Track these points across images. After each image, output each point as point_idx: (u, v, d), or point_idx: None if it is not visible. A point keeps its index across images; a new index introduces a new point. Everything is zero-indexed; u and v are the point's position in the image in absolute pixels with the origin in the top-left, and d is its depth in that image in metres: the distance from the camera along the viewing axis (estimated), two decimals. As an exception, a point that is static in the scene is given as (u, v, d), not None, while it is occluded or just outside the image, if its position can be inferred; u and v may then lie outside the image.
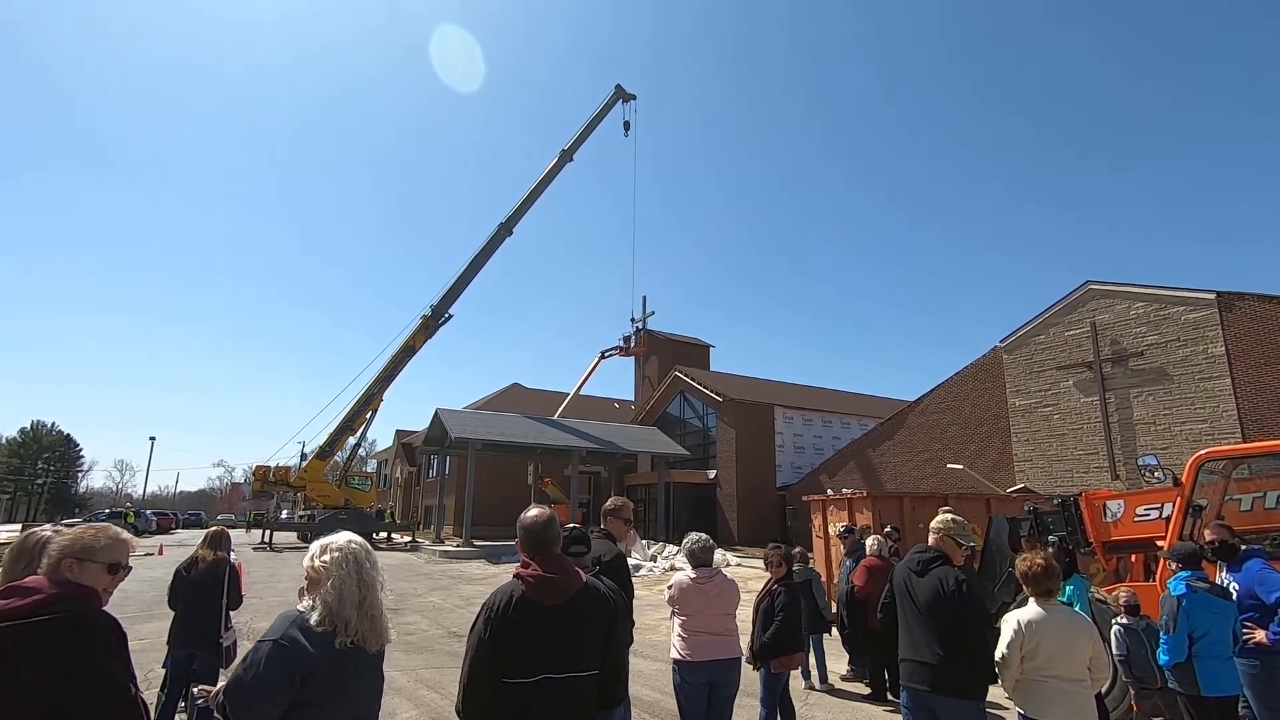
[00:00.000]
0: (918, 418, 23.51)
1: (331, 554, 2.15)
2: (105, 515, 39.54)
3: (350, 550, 2.17)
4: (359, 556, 2.17)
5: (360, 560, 2.16)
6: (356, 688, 2.07)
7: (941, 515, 3.92)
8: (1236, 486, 6.63)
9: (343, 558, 2.14)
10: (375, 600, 2.14)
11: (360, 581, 2.12)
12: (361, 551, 2.20)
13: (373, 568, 2.19)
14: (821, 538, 12.96)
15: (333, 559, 2.14)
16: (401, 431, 51.24)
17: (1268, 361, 15.30)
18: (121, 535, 2.15)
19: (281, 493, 35.80)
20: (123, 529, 2.23)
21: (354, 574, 2.12)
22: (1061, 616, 3.44)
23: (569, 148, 33.09)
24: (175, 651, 5.14)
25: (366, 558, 2.19)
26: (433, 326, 31.27)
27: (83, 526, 2.11)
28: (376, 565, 2.23)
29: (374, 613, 2.12)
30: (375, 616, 2.12)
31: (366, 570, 2.16)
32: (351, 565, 2.13)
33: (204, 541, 5.47)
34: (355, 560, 2.15)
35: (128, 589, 14.73)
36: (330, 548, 2.17)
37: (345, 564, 2.13)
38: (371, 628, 2.09)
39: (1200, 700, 4.45)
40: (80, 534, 2.06)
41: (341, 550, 2.16)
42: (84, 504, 73.66)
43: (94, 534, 2.08)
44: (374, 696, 2.19)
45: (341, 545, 2.18)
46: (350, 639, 2.03)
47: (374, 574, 2.18)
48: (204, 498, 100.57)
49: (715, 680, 4.22)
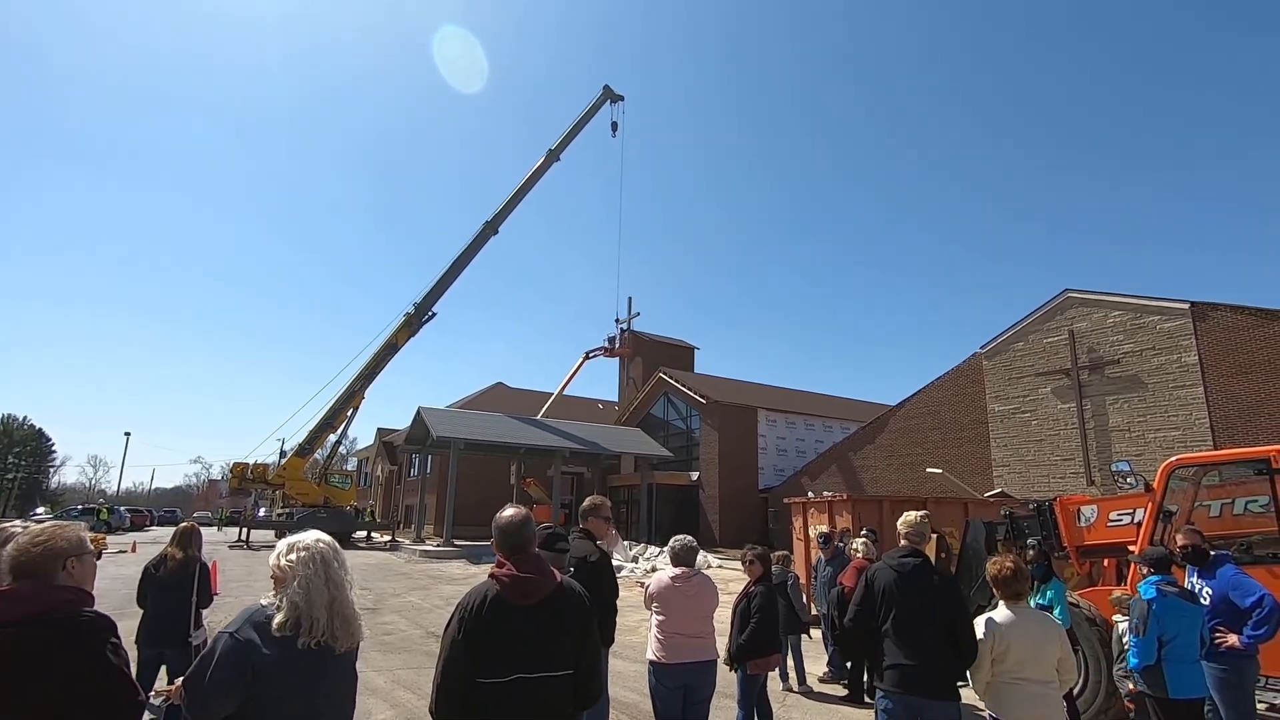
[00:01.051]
0: (899, 422, 23.72)
1: (298, 552, 2.12)
2: (78, 511, 38.76)
3: (318, 549, 2.14)
4: (326, 555, 2.14)
5: (328, 559, 2.13)
6: (316, 687, 2.03)
7: (907, 516, 3.93)
8: (1207, 493, 6.76)
9: (310, 556, 2.11)
10: (345, 599, 2.11)
11: (329, 580, 2.09)
12: (329, 550, 2.16)
13: (340, 566, 2.16)
14: (802, 540, 13.02)
15: (299, 558, 2.11)
16: (383, 430, 50.87)
17: (1238, 371, 15.61)
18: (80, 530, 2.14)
19: (260, 490, 35.30)
20: (94, 525, 2.20)
21: (322, 573, 2.09)
22: (1031, 619, 3.49)
23: (556, 148, 33.07)
24: (145, 651, 5.05)
25: (334, 556, 2.16)
26: (416, 324, 31.09)
27: (37, 529, 2.03)
28: (345, 564, 2.20)
29: (345, 612, 2.09)
30: (347, 616, 2.09)
31: (334, 569, 2.13)
32: (319, 564, 2.10)
33: (173, 539, 5.37)
34: (323, 559, 2.12)
35: (100, 587, 14.38)
36: (297, 546, 2.14)
37: (313, 563, 2.10)
38: (342, 627, 2.06)
39: (1168, 703, 4.52)
40: (54, 533, 2.01)
41: (309, 549, 2.13)
42: (56, 500, 72.26)
43: (65, 530, 2.05)
44: (340, 696, 2.15)
45: (309, 544, 2.15)
46: (316, 639, 1.99)
47: (342, 573, 2.15)
48: (180, 495, 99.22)
49: (690, 683, 4.21)
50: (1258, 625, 4.57)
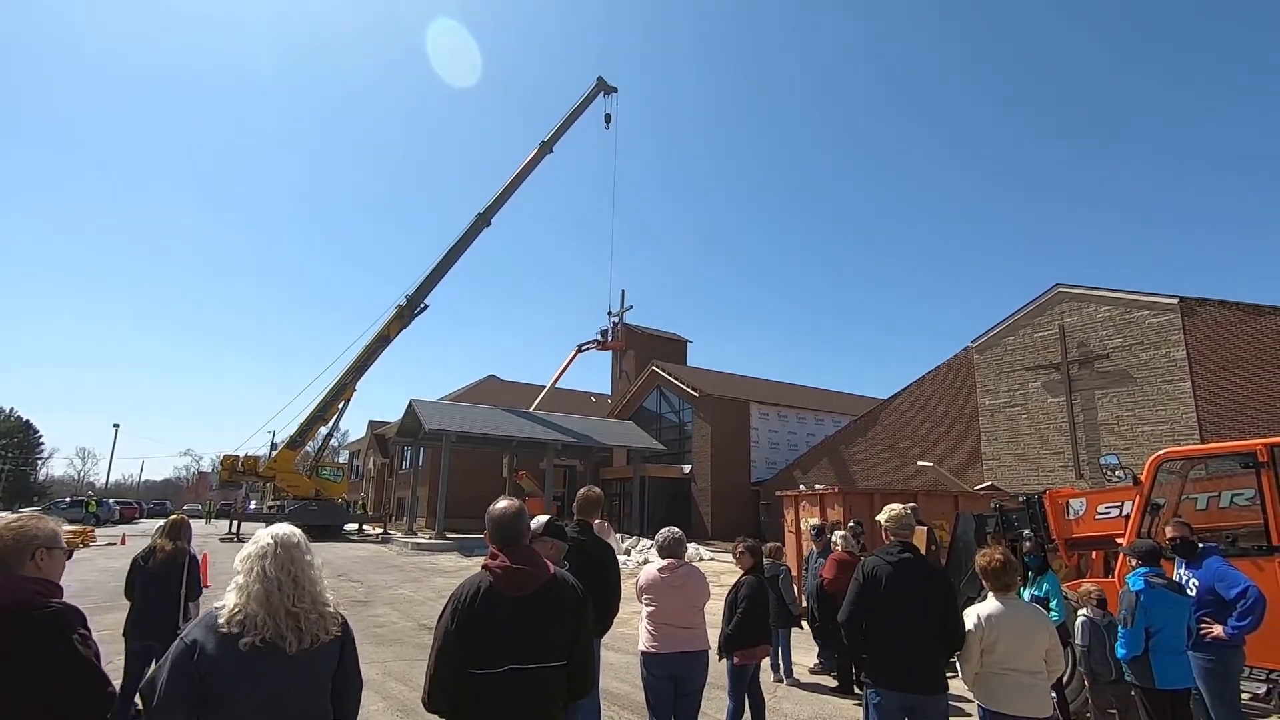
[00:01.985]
0: (890, 415, 23.83)
1: (246, 549, 2.04)
2: (66, 504, 38.53)
3: (266, 545, 2.03)
4: (274, 551, 2.02)
5: (278, 555, 2.01)
6: (261, 688, 1.90)
7: (891, 510, 3.92)
8: (1193, 486, 6.83)
9: (259, 551, 2.01)
10: (302, 595, 1.99)
11: (276, 577, 1.97)
12: (283, 545, 2.04)
13: (295, 563, 2.03)
14: (794, 532, 13.08)
15: (249, 553, 2.02)
16: (375, 422, 50.61)
17: (1226, 366, 15.76)
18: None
19: (250, 483, 35.17)
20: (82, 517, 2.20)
21: (270, 569, 1.98)
22: (1019, 611, 3.51)
23: (549, 139, 32.89)
24: (132, 643, 5.02)
25: (289, 551, 2.04)
26: (408, 316, 30.95)
27: (12, 517, 2.05)
28: (303, 560, 2.06)
29: (297, 609, 1.96)
30: (299, 614, 1.96)
31: (285, 565, 2.00)
32: (267, 560, 1.99)
33: (162, 531, 5.33)
34: (272, 555, 2.01)
35: (88, 579, 14.35)
36: (253, 540, 2.06)
37: (262, 558, 2.00)
38: (292, 626, 1.94)
39: (1154, 693, 4.58)
40: (28, 522, 2.02)
41: (259, 544, 2.04)
42: (44, 492, 71.63)
43: (40, 521, 2.05)
44: (299, 700, 1.98)
45: (262, 539, 2.05)
46: (259, 637, 1.89)
47: (298, 569, 2.02)
48: (170, 487, 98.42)
49: (680, 673, 4.23)
50: (1242, 616, 4.64)
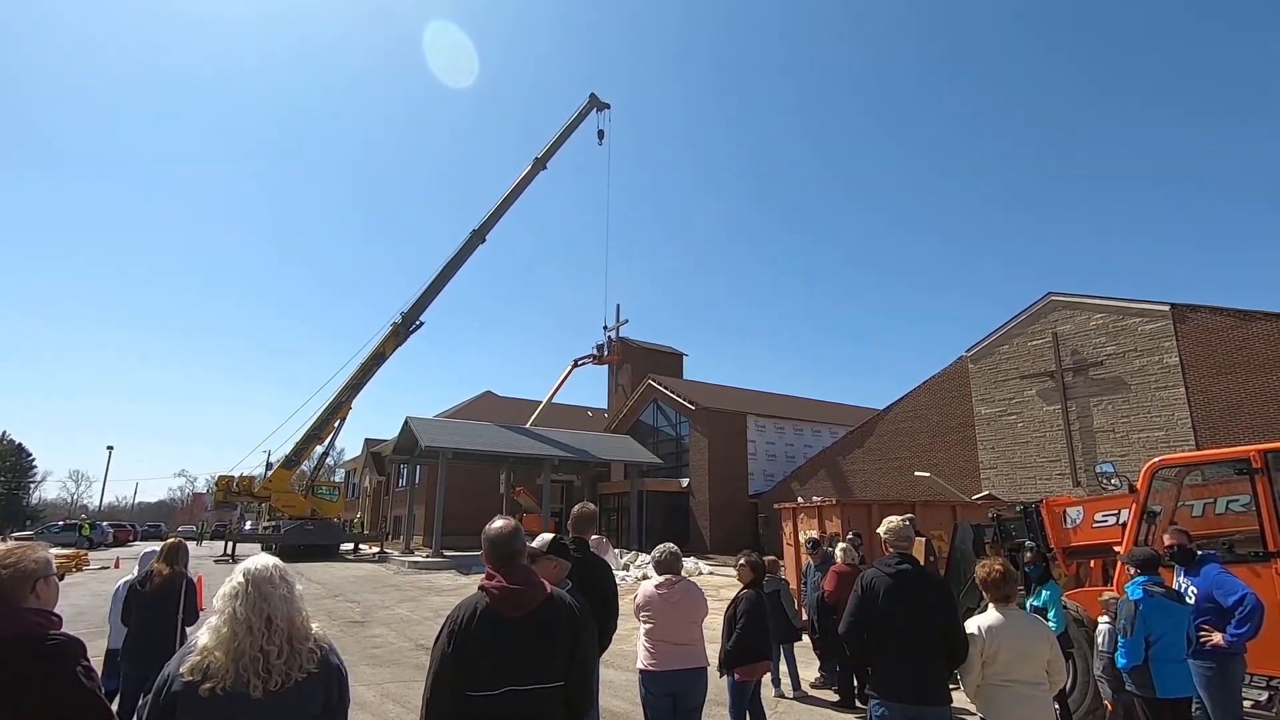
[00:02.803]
0: (886, 426, 23.85)
1: (225, 586, 1.95)
2: (59, 527, 38.16)
3: (238, 584, 1.93)
4: (244, 591, 1.91)
5: (245, 594, 1.90)
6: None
7: (889, 522, 3.93)
8: (1189, 492, 6.84)
9: (231, 591, 1.92)
10: (269, 636, 1.87)
11: (235, 619, 1.86)
12: (249, 585, 1.92)
13: (266, 600, 1.90)
14: (792, 545, 13.05)
15: (223, 592, 1.93)
16: (370, 440, 50.37)
17: (1219, 371, 15.85)
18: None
19: (245, 503, 34.88)
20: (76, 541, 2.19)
21: (237, 611, 1.87)
22: (1019, 621, 3.51)
23: (543, 155, 33.08)
24: (129, 669, 4.97)
25: (259, 588, 1.92)
26: (403, 334, 30.93)
27: (3, 549, 2.01)
28: (274, 597, 1.93)
29: (267, 648, 1.85)
30: (268, 652, 1.85)
31: (255, 604, 1.89)
32: (237, 601, 1.89)
33: (159, 555, 5.29)
34: (241, 595, 1.90)
35: (81, 604, 14.20)
36: (229, 577, 1.97)
37: (234, 599, 1.90)
38: (257, 669, 1.82)
39: (1155, 702, 4.56)
40: (24, 554, 2.00)
41: (231, 582, 1.94)
42: (37, 516, 70.96)
43: (34, 551, 2.04)
44: None
45: (235, 576, 1.96)
46: (219, 685, 1.78)
47: (270, 606, 1.90)
48: (165, 508, 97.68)
49: (679, 690, 4.20)
50: (1240, 623, 4.64)
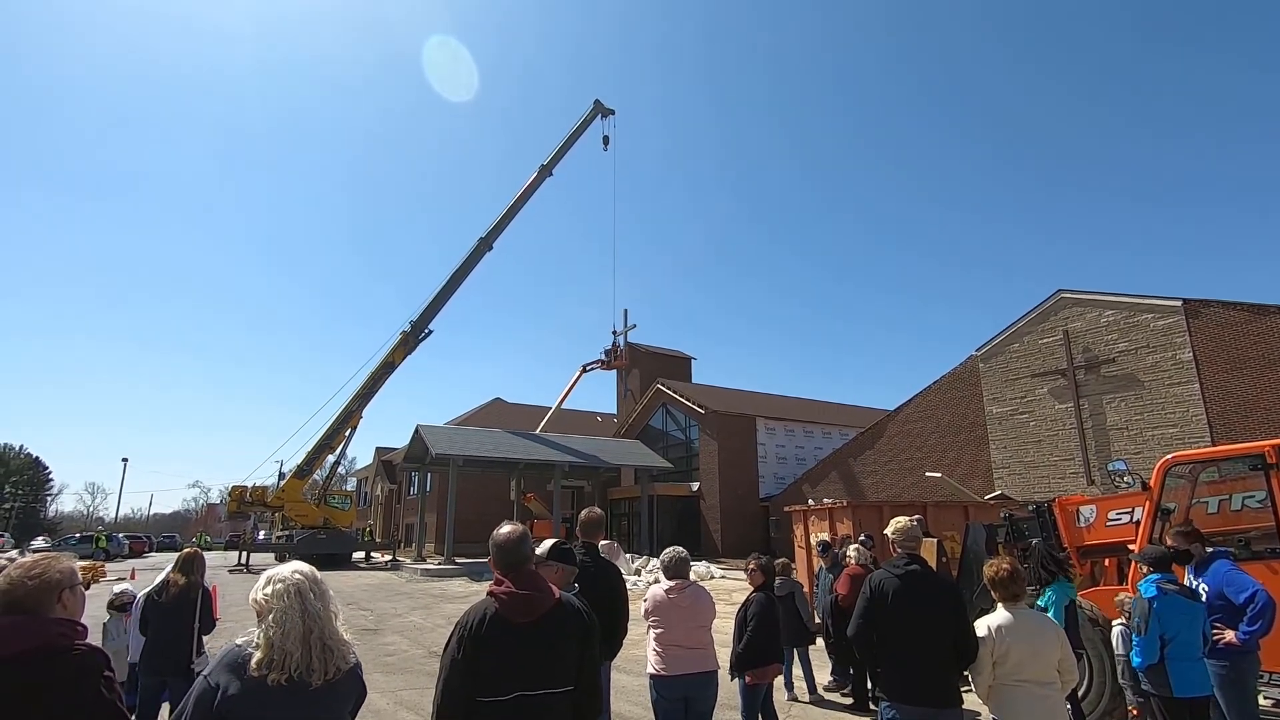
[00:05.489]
0: (897, 427, 23.73)
1: (274, 585, 2.07)
2: (76, 539, 38.58)
3: (293, 581, 2.08)
4: (302, 588, 2.08)
5: (304, 591, 2.07)
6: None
7: (896, 522, 3.92)
8: (1205, 489, 6.77)
9: (285, 589, 2.06)
10: (326, 631, 2.05)
11: (304, 613, 2.02)
12: (306, 582, 2.10)
13: (319, 598, 2.10)
14: (804, 548, 13.01)
15: (275, 590, 2.06)
16: (381, 449, 50.70)
17: (1234, 366, 15.68)
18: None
19: (259, 513, 35.07)
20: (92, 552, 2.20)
21: (297, 605, 2.03)
22: (1029, 620, 3.48)
23: (548, 162, 33.18)
24: (145, 678, 5.02)
25: (313, 587, 2.10)
26: (412, 342, 31.07)
27: (29, 560, 2.02)
28: (326, 594, 2.15)
29: (326, 642, 2.02)
30: (327, 647, 2.02)
31: (311, 601, 2.06)
32: (294, 597, 2.04)
33: (175, 565, 5.35)
34: (299, 592, 2.06)
35: (98, 615, 14.29)
36: (274, 579, 2.10)
37: (288, 595, 2.04)
38: (319, 659, 1.99)
39: (1172, 701, 4.51)
40: (49, 565, 2.00)
41: (285, 581, 2.08)
42: (53, 528, 71.71)
43: (59, 562, 2.03)
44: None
45: (285, 576, 2.10)
46: (289, 674, 1.93)
47: (320, 604, 2.08)
48: (179, 519, 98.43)
49: (690, 694, 4.20)
50: (1252, 621, 4.60)
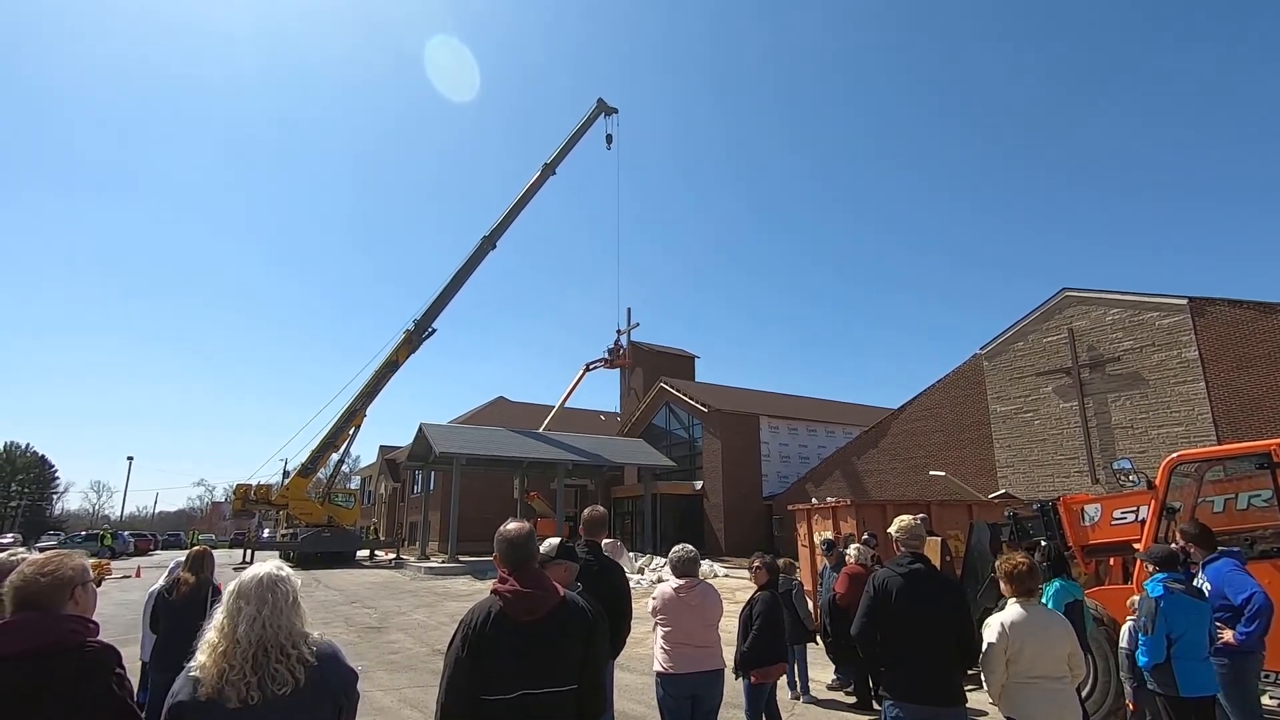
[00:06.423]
0: (901, 425, 23.68)
1: (226, 591, 1.99)
2: (81, 537, 38.73)
3: (236, 589, 1.97)
4: (246, 593, 1.94)
5: (247, 597, 1.93)
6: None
7: (900, 521, 3.91)
8: (1211, 488, 6.75)
9: (231, 594, 1.97)
10: (269, 639, 1.88)
11: (241, 620, 1.89)
12: (248, 588, 1.95)
13: (251, 603, 1.92)
14: (807, 546, 12.99)
15: (225, 596, 1.98)
16: (385, 447, 50.79)
17: (1240, 365, 15.61)
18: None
19: (263, 511, 35.21)
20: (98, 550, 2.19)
21: (225, 621, 1.91)
22: (1040, 615, 3.49)
23: (551, 161, 33.18)
24: (156, 676, 5.05)
25: (259, 593, 1.94)
26: (416, 341, 31.13)
27: (41, 557, 2.01)
28: (275, 602, 1.94)
29: (262, 656, 1.85)
30: (259, 661, 1.84)
31: (247, 609, 1.91)
32: (233, 604, 1.93)
33: (185, 564, 5.38)
34: (241, 596, 1.94)
35: (105, 612, 14.34)
36: (233, 583, 2.01)
37: (230, 601, 1.95)
38: (255, 673, 1.83)
39: (1178, 701, 4.50)
40: (61, 562, 1.99)
41: (228, 589, 1.99)
42: (60, 526, 72.05)
43: (70, 559, 2.03)
44: None
45: (236, 583, 1.99)
46: (206, 692, 1.80)
47: (265, 610, 1.91)
48: (184, 518, 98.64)
49: (697, 693, 4.20)
50: (1248, 621, 4.61)
